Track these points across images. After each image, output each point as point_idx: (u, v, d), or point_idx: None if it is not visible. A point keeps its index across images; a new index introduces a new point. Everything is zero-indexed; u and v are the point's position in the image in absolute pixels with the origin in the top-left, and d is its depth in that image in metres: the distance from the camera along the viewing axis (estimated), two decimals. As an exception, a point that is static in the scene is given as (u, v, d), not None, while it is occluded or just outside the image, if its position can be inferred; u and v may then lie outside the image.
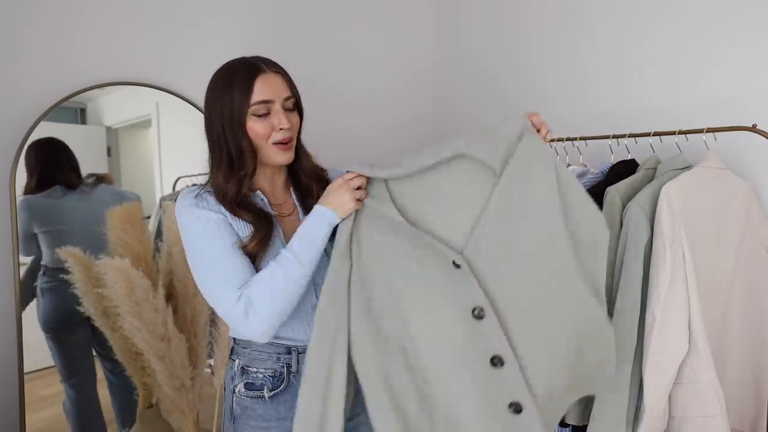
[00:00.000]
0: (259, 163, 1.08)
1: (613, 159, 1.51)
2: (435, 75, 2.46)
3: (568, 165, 1.59)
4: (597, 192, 1.37)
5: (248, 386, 1.08)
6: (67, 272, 1.52)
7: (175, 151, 1.83)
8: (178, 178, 1.84)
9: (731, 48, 1.46)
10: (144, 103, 1.76)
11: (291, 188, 1.17)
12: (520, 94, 2.07)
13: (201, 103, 1.82)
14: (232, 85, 1.02)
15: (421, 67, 2.44)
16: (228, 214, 1.03)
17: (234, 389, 1.10)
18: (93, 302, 1.52)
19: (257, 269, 1.03)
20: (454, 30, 2.35)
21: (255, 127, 1.02)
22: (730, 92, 1.46)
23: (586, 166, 1.58)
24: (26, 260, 1.51)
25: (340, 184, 1.02)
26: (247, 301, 0.97)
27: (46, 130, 1.53)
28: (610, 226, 1.29)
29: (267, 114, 1.03)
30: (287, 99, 1.05)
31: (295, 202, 1.15)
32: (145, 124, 1.78)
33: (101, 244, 1.58)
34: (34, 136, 1.50)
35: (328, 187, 1.05)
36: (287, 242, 1.03)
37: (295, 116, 1.08)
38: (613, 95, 1.75)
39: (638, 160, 1.47)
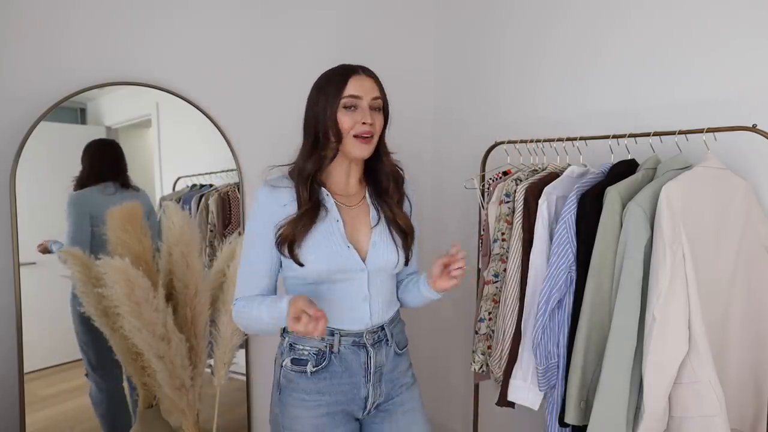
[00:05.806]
0: (340, 155, 1.21)
1: (613, 159, 1.51)
2: (435, 82, 2.46)
3: (568, 165, 1.59)
4: (597, 192, 1.37)
5: (294, 361, 1.20)
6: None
7: (175, 151, 1.83)
8: (178, 178, 1.84)
9: (732, 48, 1.46)
10: (144, 103, 1.76)
11: (366, 185, 1.28)
12: (519, 98, 2.07)
13: (201, 103, 1.85)
14: (331, 81, 1.19)
15: (422, 74, 2.45)
16: (291, 204, 1.17)
17: (282, 363, 1.22)
18: (93, 302, 1.52)
19: (293, 252, 1.15)
20: (452, 38, 2.35)
21: (342, 118, 1.16)
22: (729, 92, 1.46)
23: (586, 166, 1.58)
24: (26, 260, 1.51)
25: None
26: (234, 311, 1.20)
27: (47, 130, 1.53)
28: (610, 226, 1.30)
29: (354, 108, 1.16)
30: (375, 99, 1.18)
31: (367, 198, 1.26)
32: (145, 124, 1.78)
33: (101, 243, 1.58)
34: (35, 136, 1.50)
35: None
36: (345, 228, 1.19)
37: (379, 117, 1.20)
38: (613, 95, 1.75)
39: (638, 160, 1.47)
